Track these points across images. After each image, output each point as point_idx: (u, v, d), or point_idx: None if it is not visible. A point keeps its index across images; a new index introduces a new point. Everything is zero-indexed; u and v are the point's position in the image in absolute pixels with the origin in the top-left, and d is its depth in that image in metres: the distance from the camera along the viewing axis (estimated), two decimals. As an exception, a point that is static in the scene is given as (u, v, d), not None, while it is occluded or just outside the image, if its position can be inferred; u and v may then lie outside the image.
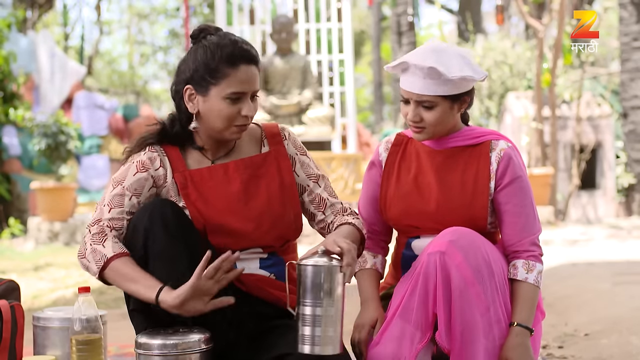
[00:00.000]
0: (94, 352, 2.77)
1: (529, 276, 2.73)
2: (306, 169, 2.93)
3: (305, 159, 2.94)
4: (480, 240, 2.68)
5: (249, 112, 2.74)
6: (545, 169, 12.17)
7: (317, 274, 2.50)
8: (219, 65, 2.71)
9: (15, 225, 13.07)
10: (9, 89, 13.92)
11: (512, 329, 2.68)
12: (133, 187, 2.77)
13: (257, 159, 2.87)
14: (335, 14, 13.05)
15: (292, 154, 2.92)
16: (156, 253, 2.62)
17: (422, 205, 2.85)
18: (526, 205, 2.81)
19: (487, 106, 15.89)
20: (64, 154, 11.54)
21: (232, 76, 2.71)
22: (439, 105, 2.76)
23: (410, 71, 2.76)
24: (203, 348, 2.55)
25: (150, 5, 32.28)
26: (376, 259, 3.02)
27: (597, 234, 10.67)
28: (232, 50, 2.72)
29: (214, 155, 2.86)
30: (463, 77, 2.70)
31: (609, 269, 6.85)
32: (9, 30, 14.44)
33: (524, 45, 16.73)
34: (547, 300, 5.48)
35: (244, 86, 2.73)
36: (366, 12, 32.49)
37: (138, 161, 2.81)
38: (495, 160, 2.82)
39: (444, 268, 2.58)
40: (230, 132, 2.77)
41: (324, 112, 11.20)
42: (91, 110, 16.87)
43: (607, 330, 4.44)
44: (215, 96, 2.72)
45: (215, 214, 2.78)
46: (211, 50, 2.73)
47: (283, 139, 2.93)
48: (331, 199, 2.93)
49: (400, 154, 2.95)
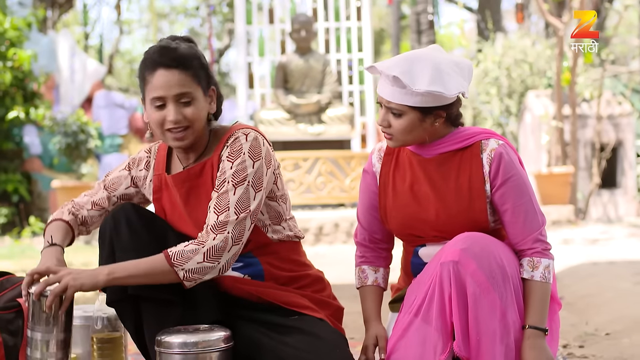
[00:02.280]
0: (114, 350, 2.79)
1: (535, 273, 2.72)
2: (219, 175, 2.74)
3: (226, 165, 2.74)
4: (493, 243, 2.67)
5: (174, 117, 2.71)
6: (566, 167, 12.13)
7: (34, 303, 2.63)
8: (143, 72, 2.76)
9: (36, 224, 13.13)
10: (30, 89, 13.98)
11: (525, 331, 2.67)
12: (111, 182, 2.98)
13: (195, 169, 2.83)
14: (354, 12, 13.03)
15: (222, 158, 2.77)
16: (121, 247, 2.71)
17: (422, 214, 2.83)
18: (524, 202, 2.76)
19: (507, 105, 15.84)
20: (84, 153, 11.62)
21: (150, 82, 2.74)
22: (407, 114, 2.72)
23: (382, 77, 2.75)
24: (223, 346, 2.56)
25: (170, 5, 32.34)
26: (377, 274, 3.00)
27: (618, 233, 10.61)
28: (151, 55, 2.75)
29: (186, 161, 2.88)
30: (428, 92, 2.66)
31: (630, 268, 6.81)
32: (30, 30, 14.51)
33: (544, 44, 16.67)
34: (567, 299, 5.46)
35: (160, 91, 2.71)
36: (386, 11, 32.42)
37: (132, 158, 2.99)
38: (487, 162, 2.77)
39: (458, 278, 2.57)
40: (166, 138, 2.77)
41: (343, 111, 11.20)
42: (111, 109, 16.93)
43: (628, 330, 4.42)
44: (148, 103, 2.77)
45: (174, 220, 2.88)
46: (143, 58, 2.78)
47: (225, 144, 2.79)
48: (210, 213, 2.70)
49: (394, 164, 2.91)
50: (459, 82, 2.71)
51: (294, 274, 2.90)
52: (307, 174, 10.78)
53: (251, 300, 2.82)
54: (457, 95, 2.72)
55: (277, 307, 2.80)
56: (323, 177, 10.82)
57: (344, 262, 7.83)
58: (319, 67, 11.30)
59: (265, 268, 2.85)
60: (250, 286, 2.82)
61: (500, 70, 16.09)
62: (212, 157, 2.80)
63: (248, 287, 2.82)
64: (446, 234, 2.76)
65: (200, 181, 2.81)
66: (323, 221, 10.23)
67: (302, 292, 2.88)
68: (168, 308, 2.66)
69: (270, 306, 2.81)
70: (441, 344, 2.61)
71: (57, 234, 2.88)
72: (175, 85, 2.70)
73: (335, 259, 8.61)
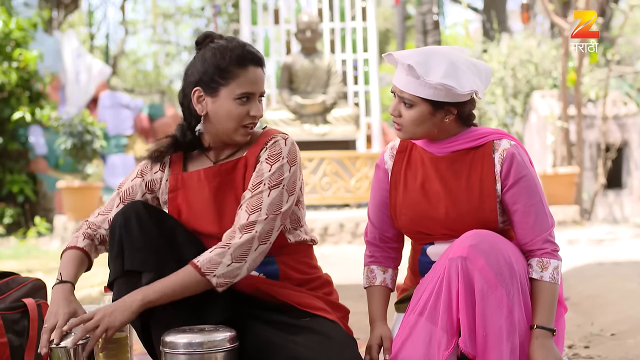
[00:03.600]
0: (120, 350, 2.79)
1: (544, 274, 2.72)
2: (255, 177, 2.79)
3: (264, 167, 2.79)
4: (501, 241, 2.67)
5: (257, 113, 2.80)
6: (571, 168, 12.11)
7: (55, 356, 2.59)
8: (228, 66, 2.77)
9: (41, 224, 13.15)
10: (35, 89, 14.00)
11: (533, 331, 2.67)
12: (127, 193, 2.93)
13: (227, 165, 2.87)
14: (360, 12, 13.04)
15: (260, 159, 2.82)
16: (131, 244, 2.70)
17: (431, 212, 2.83)
18: (535, 203, 2.77)
19: (513, 105, 15.83)
20: (89, 153, 11.62)
21: (242, 77, 2.77)
22: (418, 106, 2.74)
23: (398, 66, 2.79)
24: (229, 347, 2.56)
25: (175, 5, 32.37)
26: (386, 274, 3.02)
27: (623, 233, 10.60)
28: (241, 52, 2.79)
29: (216, 157, 2.91)
30: (441, 84, 2.68)
31: (635, 268, 6.80)
32: (35, 31, 14.53)
33: (549, 44, 16.65)
34: (573, 299, 5.46)
35: (252, 87, 2.79)
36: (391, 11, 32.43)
37: (143, 165, 2.97)
38: (498, 162, 2.79)
39: (466, 273, 2.57)
40: (238, 133, 2.81)
41: (348, 112, 11.21)
42: (116, 110, 16.96)
43: (633, 330, 4.41)
44: (225, 97, 2.78)
45: (190, 217, 2.87)
46: (220, 52, 2.78)
47: (264, 146, 2.83)
48: (240, 212, 2.75)
49: (406, 161, 2.93)
50: (474, 81, 2.72)
51: (307, 277, 2.93)
52: (312, 174, 10.79)
53: (264, 299, 2.83)
54: (470, 94, 2.74)
55: (289, 308, 2.82)
56: (328, 177, 10.82)
57: (349, 262, 7.83)
58: (324, 68, 11.31)
59: (280, 268, 2.87)
60: (265, 285, 2.83)
61: (506, 71, 16.08)
62: (247, 156, 2.84)
63: (263, 286, 2.83)
64: (455, 232, 2.77)
65: (231, 178, 2.85)
66: (328, 222, 10.23)
67: (315, 293, 2.90)
68: (176, 308, 2.66)
69: (282, 306, 2.82)
70: (446, 338, 2.61)
71: (69, 267, 2.81)
72: (262, 83, 2.82)
73: (340, 259, 8.61)
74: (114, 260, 2.73)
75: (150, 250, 2.69)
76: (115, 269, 2.72)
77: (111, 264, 2.74)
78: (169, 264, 2.68)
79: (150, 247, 2.70)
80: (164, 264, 2.67)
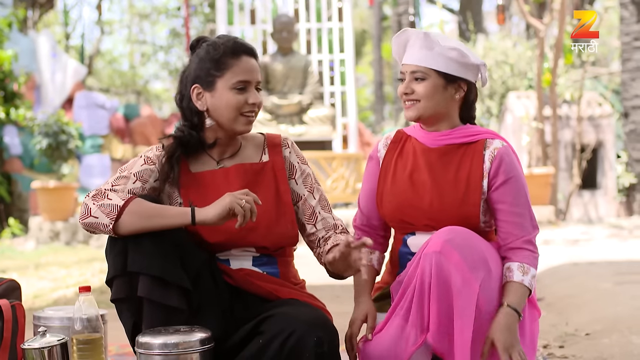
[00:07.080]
0: (94, 351, 2.77)
1: (525, 278, 2.72)
2: (305, 178, 2.98)
3: (306, 169, 2.99)
4: (477, 238, 2.69)
5: (256, 100, 2.84)
6: (546, 168, 12.17)
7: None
8: (222, 58, 2.82)
9: (16, 225, 13.07)
10: (10, 89, 13.91)
11: (502, 309, 2.66)
12: (140, 174, 2.84)
13: (256, 166, 2.92)
14: (336, 13, 13.06)
15: (293, 162, 2.97)
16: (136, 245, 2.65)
17: (416, 202, 2.86)
18: (520, 204, 2.81)
19: (488, 106, 15.88)
20: (65, 154, 11.57)
21: (236, 66, 2.82)
22: (431, 78, 2.82)
23: (410, 42, 2.86)
24: (204, 347, 2.55)
25: (151, 5, 32.26)
26: (372, 256, 3.04)
27: (598, 233, 10.66)
28: (233, 44, 2.85)
29: (219, 156, 2.92)
30: (454, 48, 2.79)
31: (610, 268, 6.84)
32: (10, 30, 14.44)
33: (525, 45, 16.73)
34: (547, 299, 5.48)
35: (247, 75, 2.83)
36: (367, 12, 32.48)
37: (147, 156, 2.88)
38: (488, 159, 2.83)
39: (440, 268, 2.58)
40: (239, 122, 2.84)
41: (324, 112, 11.21)
42: (92, 110, 16.88)
43: (608, 330, 4.44)
44: (222, 88, 2.82)
45: None
46: (213, 47, 2.84)
47: (284, 147, 2.98)
48: (323, 212, 2.98)
49: (398, 151, 2.97)
50: (478, 58, 2.84)
51: (298, 282, 2.97)
52: (289, 175, 10.75)
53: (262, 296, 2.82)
54: (477, 70, 2.86)
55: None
56: (304, 177, 10.80)
57: (325, 262, 7.81)
58: (300, 68, 11.31)
59: (281, 271, 2.90)
60: (267, 283, 2.84)
61: (482, 72, 16.12)
62: (273, 160, 2.94)
63: (264, 284, 2.83)
64: (437, 224, 2.79)
65: (260, 178, 2.90)
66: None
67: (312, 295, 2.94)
68: (172, 314, 2.64)
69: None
70: (414, 335, 2.62)
71: (157, 205, 2.73)
72: (256, 72, 2.87)
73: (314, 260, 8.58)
74: (115, 257, 2.68)
75: (156, 254, 2.65)
76: (116, 267, 2.68)
77: (111, 259, 2.70)
78: (175, 269, 2.64)
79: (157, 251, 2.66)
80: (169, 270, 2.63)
